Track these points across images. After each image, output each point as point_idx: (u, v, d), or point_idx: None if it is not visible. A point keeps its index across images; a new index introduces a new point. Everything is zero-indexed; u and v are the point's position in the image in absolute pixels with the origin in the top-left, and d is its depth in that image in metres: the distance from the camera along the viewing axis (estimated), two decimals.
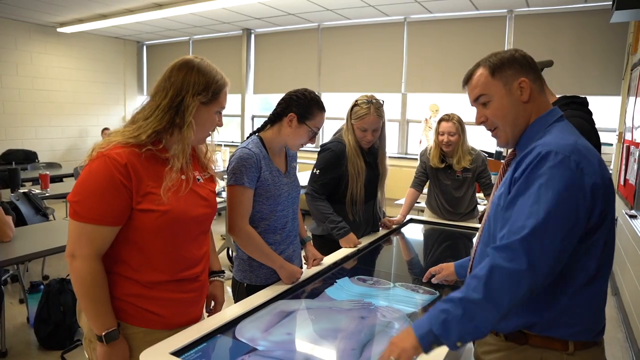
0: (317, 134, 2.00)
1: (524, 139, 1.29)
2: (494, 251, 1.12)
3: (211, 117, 1.47)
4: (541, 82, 1.32)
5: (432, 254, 2.81)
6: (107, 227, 1.31)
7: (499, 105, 1.29)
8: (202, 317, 1.61)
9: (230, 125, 9.11)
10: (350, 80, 7.47)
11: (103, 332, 1.33)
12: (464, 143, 3.14)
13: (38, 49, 8.15)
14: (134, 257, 1.39)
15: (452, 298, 1.12)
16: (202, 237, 1.55)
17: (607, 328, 1.29)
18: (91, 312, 1.34)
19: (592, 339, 1.23)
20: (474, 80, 1.32)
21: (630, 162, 3.94)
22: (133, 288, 1.40)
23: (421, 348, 1.12)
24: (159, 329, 1.44)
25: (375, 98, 2.49)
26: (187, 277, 1.48)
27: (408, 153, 7.17)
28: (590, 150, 1.17)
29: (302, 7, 6.59)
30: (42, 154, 8.14)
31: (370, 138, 2.49)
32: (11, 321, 3.44)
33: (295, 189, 2.08)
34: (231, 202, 1.86)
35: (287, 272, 1.92)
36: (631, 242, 3.58)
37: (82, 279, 1.31)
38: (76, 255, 1.31)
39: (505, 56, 1.29)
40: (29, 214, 3.97)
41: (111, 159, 1.29)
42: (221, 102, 1.49)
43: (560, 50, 5.84)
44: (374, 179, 2.65)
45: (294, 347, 1.47)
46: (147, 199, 1.35)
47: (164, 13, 6.78)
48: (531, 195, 1.11)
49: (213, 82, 1.43)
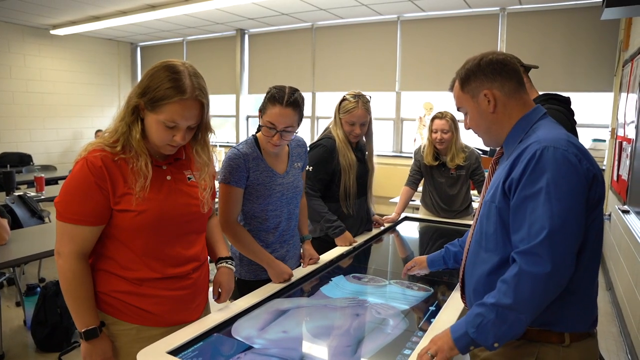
0: (278, 130, 1.82)
1: (510, 138, 1.32)
2: (518, 256, 1.15)
3: (155, 127, 1.37)
4: (515, 82, 1.30)
5: (427, 252, 2.82)
6: (86, 227, 1.35)
7: (472, 117, 1.36)
8: (202, 315, 1.60)
9: (225, 126, 9.12)
10: (345, 79, 7.48)
11: (83, 329, 1.37)
12: (457, 140, 3.15)
13: (31, 51, 8.12)
14: (120, 254, 1.42)
15: (486, 303, 1.17)
16: (192, 237, 1.53)
17: (601, 322, 1.31)
18: (73, 308, 1.38)
19: (587, 330, 1.26)
20: (454, 92, 1.40)
21: (622, 158, 3.97)
22: (121, 285, 1.42)
23: (457, 349, 1.18)
24: (153, 326, 1.45)
25: (362, 94, 2.53)
26: (176, 275, 1.47)
27: (403, 151, 7.19)
28: (579, 142, 1.21)
29: (295, 7, 6.60)
30: (37, 157, 8.11)
31: (358, 132, 2.51)
32: (8, 324, 3.44)
33: (293, 189, 2.06)
34: (220, 200, 1.93)
35: (275, 271, 1.93)
36: (624, 237, 3.61)
37: (65, 277, 1.36)
38: (60, 253, 1.36)
39: (471, 67, 1.32)
40: (25, 217, 3.97)
41: (88, 162, 1.34)
42: (163, 115, 1.34)
43: (552, 47, 5.88)
44: (364, 174, 2.68)
45: (290, 344, 1.49)
46: (124, 199, 1.37)
47: (157, 14, 6.77)
48: (541, 195, 1.13)
49: (153, 89, 1.34)
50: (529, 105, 1.32)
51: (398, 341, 1.50)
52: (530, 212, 1.14)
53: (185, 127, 1.38)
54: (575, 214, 1.12)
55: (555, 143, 1.15)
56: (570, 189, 1.12)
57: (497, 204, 1.25)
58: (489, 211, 1.28)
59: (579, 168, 1.13)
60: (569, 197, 1.11)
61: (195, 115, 1.39)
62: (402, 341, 1.49)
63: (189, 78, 1.37)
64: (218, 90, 8.83)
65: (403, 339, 1.51)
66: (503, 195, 1.23)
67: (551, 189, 1.12)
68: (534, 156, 1.15)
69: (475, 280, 1.32)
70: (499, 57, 1.31)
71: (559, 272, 1.10)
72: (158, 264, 1.44)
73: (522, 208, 1.16)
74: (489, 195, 1.30)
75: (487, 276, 1.26)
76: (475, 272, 1.33)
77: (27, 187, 5.30)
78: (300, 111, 1.88)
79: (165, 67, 1.36)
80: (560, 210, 1.10)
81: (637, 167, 3.29)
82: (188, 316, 1.54)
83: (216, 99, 9.17)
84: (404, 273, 1.91)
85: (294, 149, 2.12)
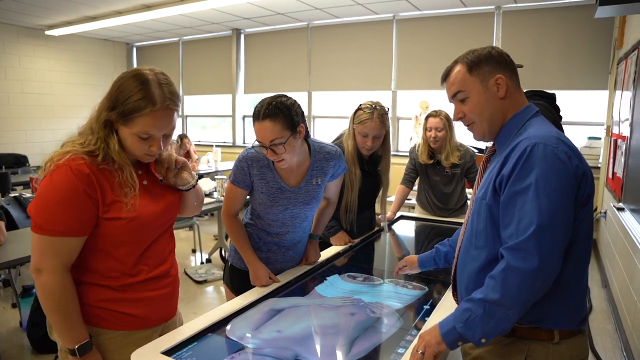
0: (267, 146, 1.73)
1: (502, 135, 1.32)
2: (505, 252, 1.15)
3: (130, 140, 1.34)
4: (517, 80, 1.34)
5: (423, 250, 2.83)
6: (73, 239, 1.29)
7: (476, 102, 1.32)
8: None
9: (221, 126, 9.11)
10: (341, 78, 7.48)
11: (76, 345, 1.31)
12: (452, 139, 3.16)
13: (26, 52, 8.10)
14: (102, 264, 1.37)
15: (473, 298, 1.17)
16: (166, 236, 1.54)
17: (597, 319, 1.32)
18: (61, 326, 1.31)
19: (577, 327, 1.26)
20: (452, 77, 1.35)
21: (617, 156, 3.98)
22: (106, 293, 1.38)
23: (444, 344, 1.18)
24: (137, 330, 1.44)
25: (380, 104, 2.38)
26: (157, 275, 1.47)
27: (399, 150, 7.20)
28: (570, 140, 1.21)
29: (291, 7, 6.60)
30: (33, 158, 8.09)
31: (370, 144, 2.37)
32: (4, 325, 3.44)
33: (303, 205, 1.95)
34: (225, 192, 2.00)
35: (253, 273, 1.92)
36: (619, 234, 3.62)
37: (51, 294, 1.28)
38: (42, 269, 1.27)
39: (483, 53, 1.31)
40: (20, 218, 3.96)
41: (73, 170, 1.26)
42: (136, 127, 1.30)
43: (547, 45, 5.89)
44: (370, 189, 2.58)
45: (284, 344, 1.48)
46: (114, 207, 1.33)
47: (152, 14, 6.76)
48: (530, 191, 1.13)
49: (122, 102, 1.29)
50: (522, 103, 1.33)
51: (392, 340, 1.50)
52: (519, 208, 1.14)
53: (160, 136, 1.36)
54: (564, 210, 1.12)
55: (546, 140, 1.16)
56: (559, 185, 1.12)
57: (487, 201, 1.25)
58: (480, 208, 1.29)
59: (568, 165, 1.14)
60: (557, 194, 1.12)
61: (169, 124, 1.36)
62: (397, 340, 1.50)
63: (159, 87, 1.31)
64: (214, 90, 8.83)
65: (397, 337, 1.52)
66: (493, 192, 1.23)
67: (540, 185, 1.12)
68: (524, 153, 1.16)
69: (467, 278, 1.32)
70: (505, 53, 1.33)
71: (546, 267, 1.11)
72: (143, 266, 1.43)
73: (511, 204, 1.17)
74: (480, 193, 1.31)
75: (478, 273, 1.27)
76: (466, 270, 1.33)
77: (22, 188, 5.30)
78: (284, 119, 1.70)
79: (132, 76, 1.31)
80: (548, 206, 1.11)
81: (631, 164, 3.30)
82: (169, 313, 1.55)
83: (212, 99, 9.17)
84: (395, 273, 1.91)
85: (317, 163, 1.95)
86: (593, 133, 5.77)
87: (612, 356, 3.10)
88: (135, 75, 1.31)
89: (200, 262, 5.10)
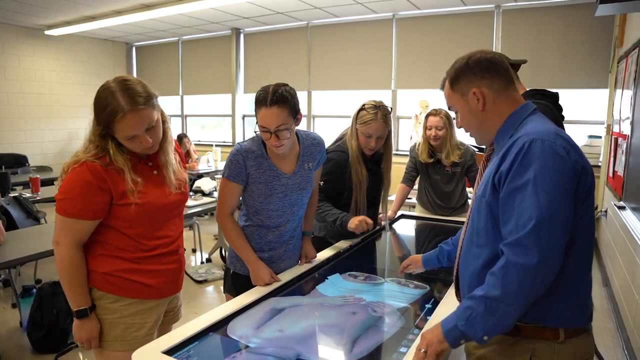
0: (272, 132, 1.77)
1: (500, 134, 1.32)
2: (505, 248, 1.14)
3: (123, 142, 1.57)
4: (505, 80, 1.31)
5: (424, 249, 2.82)
6: (85, 221, 1.56)
7: (462, 116, 1.36)
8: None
9: (221, 125, 9.11)
10: (340, 78, 7.48)
11: (75, 308, 1.58)
12: (452, 137, 3.15)
13: (26, 52, 8.10)
14: (120, 241, 1.63)
15: (475, 295, 1.16)
16: (176, 219, 1.80)
17: (598, 318, 1.31)
18: (68, 290, 1.59)
19: (582, 326, 1.25)
20: (445, 92, 1.40)
21: (618, 154, 3.97)
22: (122, 264, 1.64)
23: (446, 342, 1.17)
24: (150, 299, 1.70)
25: (383, 104, 2.37)
26: (168, 252, 1.74)
27: (399, 149, 7.19)
28: (568, 135, 1.21)
29: (291, 6, 6.59)
30: (33, 158, 8.09)
31: (373, 145, 2.37)
32: (4, 325, 3.43)
33: (299, 191, 1.99)
34: (219, 192, 1.99)
35: (254, 273, 1.91)
36: (620, 233, 3.62)
37: (62, 262, 1.56)
38: (59, 243, 1.56)
39: (460, 67, 1.33)
40: (20, 218, 3.96)
41: (89, 166, 1.52)
42: (119, 132, 1.53)
43: (547, 44, 5.89)
44: (375, 187, 2.58)
45: (286, 343, 1.48)
46: (126, 196, 1.57)
47: (152, 14, 6.76)
48: (528, 187, 1.12)
49: (101, 114, 1.51)
50: (518, 101, 1.32)
51: (394, 339, 1.50)
52: (518, 204, 1.14)
53: (142, 133, 1.55)
54: (564, 205, 1.12)
55: (543, 136, 1.15)
56: (558, 180, 1.11)
57: (487, 198, 1.25)
58: (480, 206, 1.28)
59: (567, 160, 1.13)
60: (556, 189, 1.11)
61: (145, 120, 1.54)
62: (398, 339, 1.49)
63: (124, 93, 1.50)
64: (214, 90, 8.83)
65: (399, 336, 1.51)
66: (493, 189, 1.23)
67: (538, 180, 1.11)
68: (522, 149, 1.15)
69: (469, 276, 1.32)
70: (486, 56, 1.31)
71: (546, 263, 1.10)
72: (155, 242, 1.69)
73: (511, 200, 1.16)
74: (480, 191, 1.30)
75: (480, 271, 1.26)
76: (468, 268, 1.33)
77: (22, 188, 5.29)
78: (289, 106, 1.78)
79: (102, 91, 1.52)
80: (547, 201, 1.10)
81: (632, 163, 3.29)
82: (177, 287, 1.83)
83: (212, 99, 9.17)
84: (400, 271, 1.91)
85: (307, 148, 2.02)
86: (593, 132, 5.77)
87: (613, 354, 3.10)
88: (104, 89, 1.52)
89: (201, 262, 5.09)
